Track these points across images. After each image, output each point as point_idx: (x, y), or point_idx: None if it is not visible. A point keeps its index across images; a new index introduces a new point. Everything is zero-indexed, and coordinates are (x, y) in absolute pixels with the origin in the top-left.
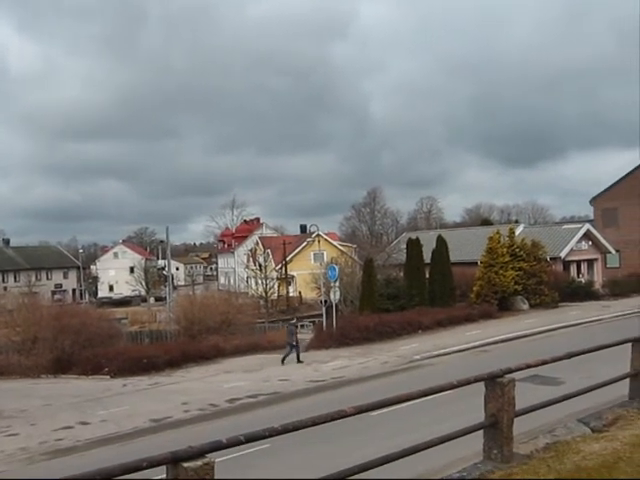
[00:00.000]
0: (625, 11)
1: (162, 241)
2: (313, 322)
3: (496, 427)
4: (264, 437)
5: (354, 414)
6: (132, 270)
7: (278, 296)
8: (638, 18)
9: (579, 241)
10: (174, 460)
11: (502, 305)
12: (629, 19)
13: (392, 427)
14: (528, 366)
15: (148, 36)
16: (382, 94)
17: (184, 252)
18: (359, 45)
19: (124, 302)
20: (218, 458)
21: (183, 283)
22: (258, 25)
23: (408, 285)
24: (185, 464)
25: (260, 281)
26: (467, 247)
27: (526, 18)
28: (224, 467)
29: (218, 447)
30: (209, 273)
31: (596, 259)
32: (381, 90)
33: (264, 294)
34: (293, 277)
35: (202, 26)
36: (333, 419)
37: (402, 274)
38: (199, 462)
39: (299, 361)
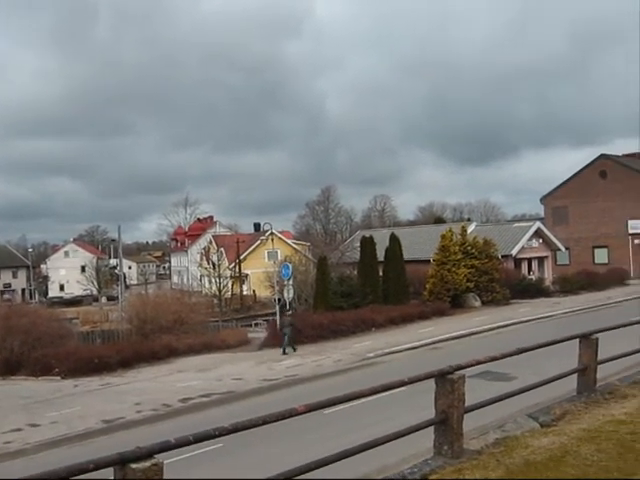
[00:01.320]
0: (577, 14)
1: (114, 240)
2: (267, 321)
3: (446, 423)
4: (214, 437)
5: (305, 412)
6: (83, 269)
7: (232, 295)
8: (589, 21)
9: (530, 239)
10: (122, 461)
11: (454, 302)
12: (581, 22)
13: (345, 425)
14: (478, 362)
15: (99, 30)
16: (337, 92)
17: (137, 251)
18: (314, 43)
19: (75, 302)
20: (173, 458)
21: (136, 282)
22: (212, 20)
23: (362, 283)
24: (133, 465)
25: (213, 280)
26: (420, 245)
27: (481, 19)
28: (180, 466)
29: (167, 447)
30: (162, 272)
31: (546, 256)
32: (336, 88)
33: (218, 293)
34: (247, 275)
35: (155, 20)
36: (284, 418)
37: (356, 272)
38: (147, 463)
39: (284, 352)
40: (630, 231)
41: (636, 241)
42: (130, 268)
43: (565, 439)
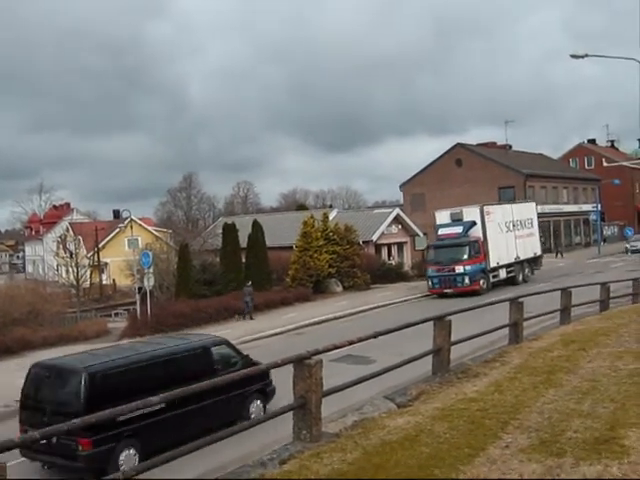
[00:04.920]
0: (440, 6)
1: None
2: (127, 310)
3: (305, 408)
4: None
5: (159, 403)
6: None
7: (90, 284)
8: (451, 13)
9: (389, 225)
10: None
11: (317, 288)
12: (443, 14)
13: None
14: (335, 347)
15: None
16: (201, 77)
17: None
18: (177, 25)
19: None
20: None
21: None
22: None
23: (224, 270)
24: None
25: (71, 269)
26: (283, 232)
27: (346, 5)
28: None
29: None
30: (15, 262)
31: (405, 242)
32: (200, 72)
33: (75, 283)
34: (106, 264)
35: None
36: (138, 409)
37: (218, 259)
38: None
39: (251, 318)
40: None
41: None
42: None
43: (420, 418)
